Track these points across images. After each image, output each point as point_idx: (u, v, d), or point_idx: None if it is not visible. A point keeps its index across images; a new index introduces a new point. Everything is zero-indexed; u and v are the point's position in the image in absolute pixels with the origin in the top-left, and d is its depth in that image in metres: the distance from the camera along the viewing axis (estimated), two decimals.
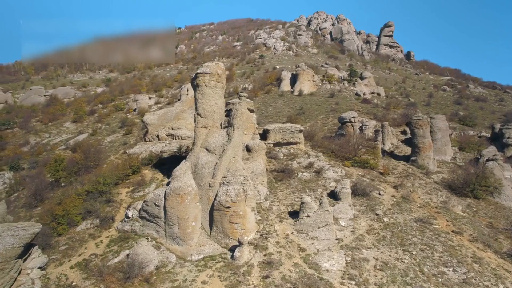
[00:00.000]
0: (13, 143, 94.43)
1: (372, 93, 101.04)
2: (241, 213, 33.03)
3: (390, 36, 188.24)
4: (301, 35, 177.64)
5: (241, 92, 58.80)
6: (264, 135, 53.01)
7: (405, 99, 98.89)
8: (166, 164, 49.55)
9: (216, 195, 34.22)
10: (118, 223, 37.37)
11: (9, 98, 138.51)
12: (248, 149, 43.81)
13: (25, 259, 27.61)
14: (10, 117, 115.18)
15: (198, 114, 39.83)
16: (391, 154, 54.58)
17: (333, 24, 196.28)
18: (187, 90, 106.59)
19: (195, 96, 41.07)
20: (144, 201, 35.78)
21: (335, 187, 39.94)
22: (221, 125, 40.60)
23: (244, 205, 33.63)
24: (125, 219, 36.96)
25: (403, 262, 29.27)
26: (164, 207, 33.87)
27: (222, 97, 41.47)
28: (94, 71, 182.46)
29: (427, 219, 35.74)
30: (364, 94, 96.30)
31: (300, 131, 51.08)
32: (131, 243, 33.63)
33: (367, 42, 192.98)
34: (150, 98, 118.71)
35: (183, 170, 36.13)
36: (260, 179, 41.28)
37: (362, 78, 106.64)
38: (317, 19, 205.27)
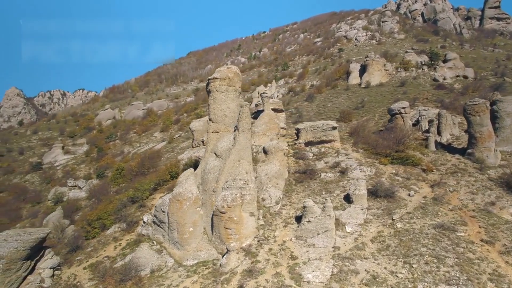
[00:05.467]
0: (111, 154, 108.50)
1: (457, 76, 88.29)
2: (235, 218, 32.34)
3: (497, 7, 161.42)
4: (386, 21, 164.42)
5: (263, 93, 57.35)
6: (297, 135, 50.89)
7: (499, 80, 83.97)
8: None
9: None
10: (139, 227, 40.02)
11: (116, 114, 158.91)
12: (264, 151, 42.64)
13: (38, 260, 31.60)
14: (115, 131, 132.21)
15: (210, 119, 40.40)
16: (448, 147, 46.96)
17: (425, 4, 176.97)
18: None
19: (208, 102, 41.76)
20: (155, 206, 37.73)
21: (349, 188, 36.18)
22: (234, 129, 40.37)
23: (240, 210, 32.89)
24: (142, 223, 39.43)
25: (397, 276, 25.02)
26: (167, 212, 35.20)
27: (234, 100, 41.24)
28: (187, 83, 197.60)
29: (453, 225, 29.82)
30: (444, 79, 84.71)
31: (334, 128, 47.47)
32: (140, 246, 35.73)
33: (468, 18, 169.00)
34: None
35: (186, 176, 37.04)
36: (273, 181, 39.80)
37: (445, 60, 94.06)
38: (407, 1, 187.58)
